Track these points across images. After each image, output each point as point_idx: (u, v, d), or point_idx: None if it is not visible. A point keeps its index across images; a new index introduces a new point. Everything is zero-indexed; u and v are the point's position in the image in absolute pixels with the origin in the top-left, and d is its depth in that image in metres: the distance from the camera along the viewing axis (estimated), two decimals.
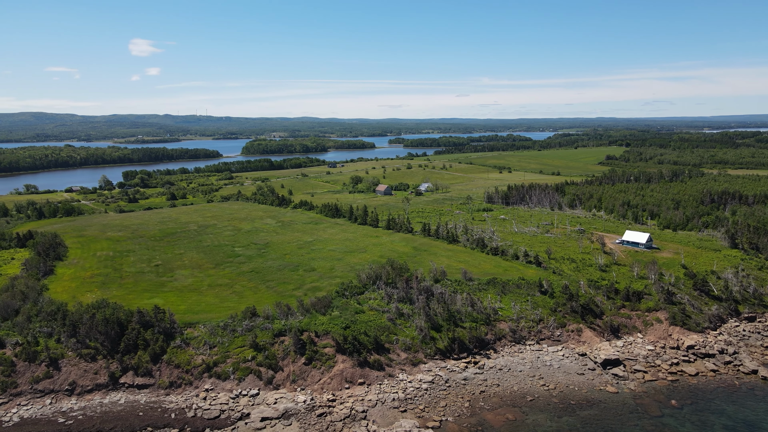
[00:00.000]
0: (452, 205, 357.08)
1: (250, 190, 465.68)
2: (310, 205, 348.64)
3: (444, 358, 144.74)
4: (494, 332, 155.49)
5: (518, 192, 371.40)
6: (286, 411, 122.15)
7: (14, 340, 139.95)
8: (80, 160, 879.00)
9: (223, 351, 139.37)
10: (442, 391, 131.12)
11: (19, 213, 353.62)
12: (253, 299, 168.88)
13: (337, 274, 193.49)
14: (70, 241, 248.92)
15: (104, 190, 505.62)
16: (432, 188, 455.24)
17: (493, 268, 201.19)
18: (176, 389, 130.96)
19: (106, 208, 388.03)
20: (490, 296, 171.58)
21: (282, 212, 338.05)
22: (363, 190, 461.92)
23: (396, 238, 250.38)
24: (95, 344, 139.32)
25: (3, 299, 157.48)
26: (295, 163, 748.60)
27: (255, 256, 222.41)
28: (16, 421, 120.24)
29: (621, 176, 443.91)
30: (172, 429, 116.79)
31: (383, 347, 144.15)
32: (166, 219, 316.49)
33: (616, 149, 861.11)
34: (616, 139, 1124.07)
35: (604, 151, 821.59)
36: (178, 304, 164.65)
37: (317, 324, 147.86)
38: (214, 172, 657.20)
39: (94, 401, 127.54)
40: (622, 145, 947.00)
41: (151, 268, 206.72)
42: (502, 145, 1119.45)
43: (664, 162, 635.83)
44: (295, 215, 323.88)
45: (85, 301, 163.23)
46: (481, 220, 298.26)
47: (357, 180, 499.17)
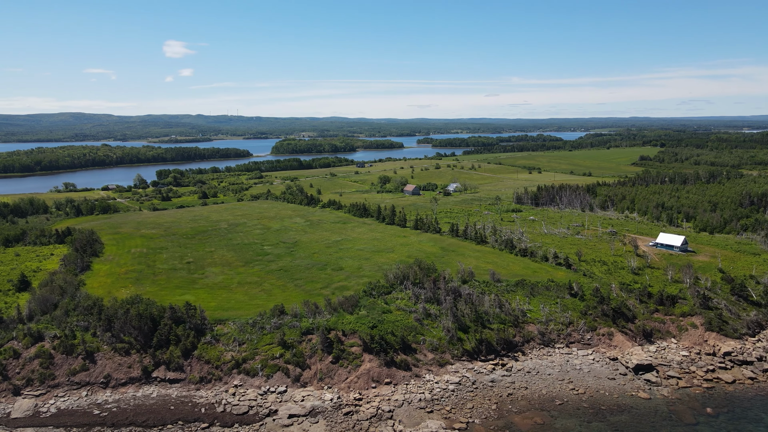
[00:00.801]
0: (481, 205, 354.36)
1: (280, 189, 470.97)
2: (338, 204, 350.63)
3: (471, 360, 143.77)
4: (522, 334, 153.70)
5: (548, 193, 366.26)
6: (313, 409, 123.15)
7: (53, 333, 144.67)
8: (116, 159, 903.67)
9: (252, 348, 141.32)
10: (469, 392, 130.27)
11: (58, 210, 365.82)
12: (282, 297, 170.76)
13: (364, 274, 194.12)
14: (106, 238, 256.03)
15: (139, 188, 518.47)
16: (460, 188, 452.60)
17: (522, 269, 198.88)
18: (206, 384, 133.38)
19: (141, 206, 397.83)
20: (519, 298, 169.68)
21: (310, 211, 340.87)
22: (391, 190, 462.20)
23: (424, 238, 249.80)
24: (129, 339, 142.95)
25: (42, 293, 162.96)
26: (324, 163, 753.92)
27: (284, 254, 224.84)
28: (54, 412, 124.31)
29: (655, 177, 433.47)
30: (202, 423, 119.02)
31: (410, 347, 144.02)
32: (198, 217, 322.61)
33: (650, 149, 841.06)
34: (650, 139, 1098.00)
35: (638, 152, 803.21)
36: (208, 301, 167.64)
37: (344, 323, 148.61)
38: (244, 171, 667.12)
39: (127, 394, 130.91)
40: (657, 146, 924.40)
41: (183, 265, 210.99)
42: (531, 146, 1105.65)
43: (700, 163, 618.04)
44: (323, 214, 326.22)
45: (120, 296, 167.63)
46: (510, 221, 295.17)
47: (385, 180, 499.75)
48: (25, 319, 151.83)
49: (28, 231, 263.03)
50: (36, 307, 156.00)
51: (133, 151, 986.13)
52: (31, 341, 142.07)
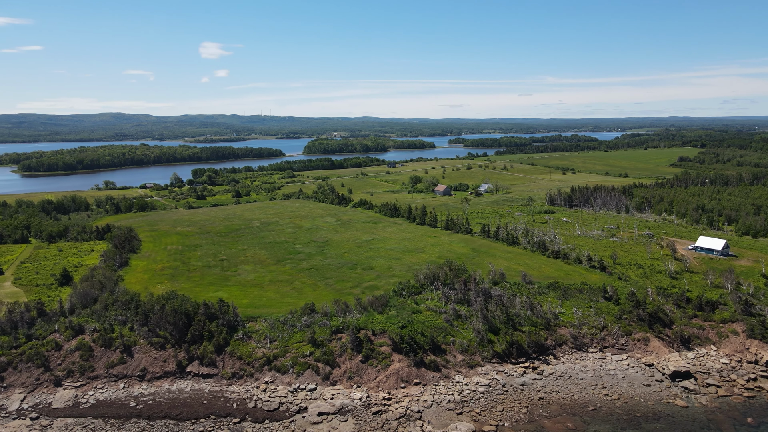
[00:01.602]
0: (512, 206, 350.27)
1: (311, 188, 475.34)
2: (369, 204, 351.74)
3: (501, 362, 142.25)
4: (554, 338, 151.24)
5: (582, 194, 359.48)
6: (343, 407, 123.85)
7: (92, 326, 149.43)
8: (154, 158, 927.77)
9: (283, 345, 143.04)
10: (499, 395, 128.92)
11: (98, 207, 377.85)
12: (312, 296, 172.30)
13: (394, 274, 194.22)
14: (143, 235, 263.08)
15: (175, 187, 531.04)
16: (492, 189, 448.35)
17: (555, 271, 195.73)
18: (238, 380, 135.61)
19: (177, 204, 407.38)
20: (551, 300, 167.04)
21: (341, 211, 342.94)
22: (422, 190, 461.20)
23: (454, 239, 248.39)
24: (164, 333, 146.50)
25: (83, 288, 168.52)
26: (355, 163, 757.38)
27: (315, 253, 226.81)
28: (92, 403, 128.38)
29: (695, 179, 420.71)
30: (233, 418, 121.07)
31: (439, 348, 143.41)
32: (231, 215, 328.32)
33: (689, 150, 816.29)
34: (690, 139, 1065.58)
35: (677, 152, 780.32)
36: (241, 298, 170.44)
37: (374, 322, 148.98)
38: (276, 170, 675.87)
39: (162, 387, 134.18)
40: (697, 146, 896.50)
41: (217, 262, 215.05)
42: (565, 146, 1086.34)
43: (743, 164, 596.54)
44: (354, 214, 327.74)
45: (156, 292, 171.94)
46: (543, 222, 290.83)
47: (416, 180, 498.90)
48: (67, 312, 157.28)
49: (70, 227, 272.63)
50: (77, 301, 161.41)
51: (169, 150, 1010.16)
52: (72, 334, 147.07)
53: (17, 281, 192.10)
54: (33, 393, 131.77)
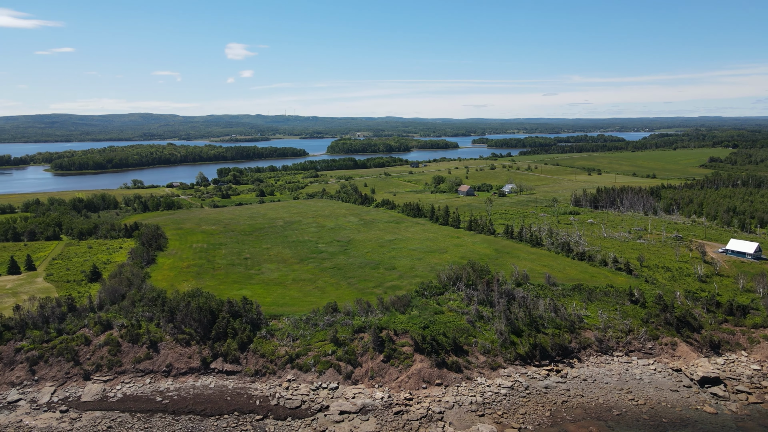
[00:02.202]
0: (537, 207, 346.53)
1: (334, 188, 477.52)
2: (392, 204, 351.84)
3: (524, 364, 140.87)
4: (579, 340, 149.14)
5: (608, 195, 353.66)
6: (364, 406, 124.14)
7: (120, 322, 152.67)
8: (180, 158, 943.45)
9: (305, 344, 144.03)
10: (522, 398, 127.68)
11: (127, 206, 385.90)
12: (335, 295, 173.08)
13: (417, 274, 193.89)
14: (169, 233, 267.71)
15: (200, 185, 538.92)
16: (516, 189, 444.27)
17: (579, 273, 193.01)
18: (261, 377, 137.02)
19: (202, 202, 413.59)
20: (575, 303, 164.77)
21: (364, 210, 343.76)
22: (445, 190, 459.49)
23: (477, 240, 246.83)
24: (190, 330, 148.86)
25: (112, 284, 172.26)
26: (378, 163, 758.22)
27: (337, 252, 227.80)
28: (120, 397, 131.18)
29: (726, 180, 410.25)
30: (256, 415, 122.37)
31: (461, 349, 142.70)
32: (255, 214, 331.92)
33: (720, 151, 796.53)
34: (721, 139, 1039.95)
35: (707, 153, 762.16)
36: (264, 297, 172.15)
37: (396, 322, 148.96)
38: (300, 170, 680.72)
39: (187, 383, 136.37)
40: (729, 146, 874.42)
41: (241, 260, 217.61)
42: (591, 146, 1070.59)
43: None
44: (377, 214, 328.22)
45: (182, 289, 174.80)
46: (567, 223, 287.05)
47: (439, 180, 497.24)
48: (96, 308, 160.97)
49: (99, 225, 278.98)
50: (106, 297, 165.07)
51: (195, 150, 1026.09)
52: (101, 329, 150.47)
53: (49, 277, 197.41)
54: (63, 386, 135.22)
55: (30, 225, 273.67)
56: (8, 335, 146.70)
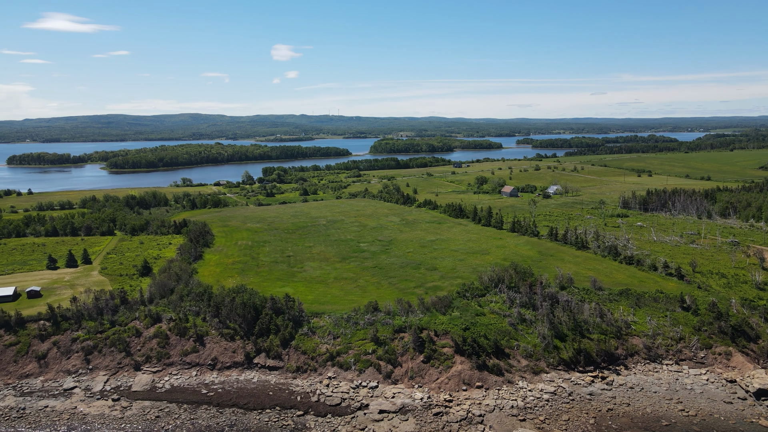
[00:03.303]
0: (583, 209, 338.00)
1: (377, 188, 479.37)
2: (434, 204, 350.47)
3: (568, 370, 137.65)
4: (625, 347, 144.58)
5: (659, 197, 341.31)
6: (404, 406, 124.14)
7: (169, 315, 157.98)
8: (227, 157, 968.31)
9: (346, 342, 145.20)
10: (565, 404, 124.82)
11: (176, 203, 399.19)
12: (376, 294, 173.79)
13: (458, 275, 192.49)
14: (216, 230, 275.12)
15: (246, 184, 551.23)
16: (561, 191, 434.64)
17: (627, 278, 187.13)
18: (302, 374, 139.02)
19: (247, 201, 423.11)
20: (622, 308, 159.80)
21: (406, 210, 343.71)
22: (488, 191, 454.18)
23: (520, 241, 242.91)
24: (234, 325, 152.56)
25: (161, 279, 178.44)
26: (421, 163, 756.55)
27: (379, 252, 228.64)
28: (168, 388, 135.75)
29: None
30: (297, 411, 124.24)
31: (503, 352, 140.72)
32: (299, 213, 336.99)
33: None
34: None
35: None
36: (306, 294, 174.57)
37: (437, 323, 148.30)
38: (343, 169, 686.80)
39: (231, 377, 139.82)
40: None
41: (284, 258, 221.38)
42: (641, 147, 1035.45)
43: None
44: (419, 214, 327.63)
45: (227, 285, 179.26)
46: (615, 226, 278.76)
47: (482, 180, 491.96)
48: (146, 301, 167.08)
49: (150, 221, 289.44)
50: (156, 291, 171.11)
51: (242, 149, 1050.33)
52: (151, 322, 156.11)
53: (103, 271, 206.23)
54: (115, 376, 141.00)
55: (86, 221, 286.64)
56: (65, 325, 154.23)
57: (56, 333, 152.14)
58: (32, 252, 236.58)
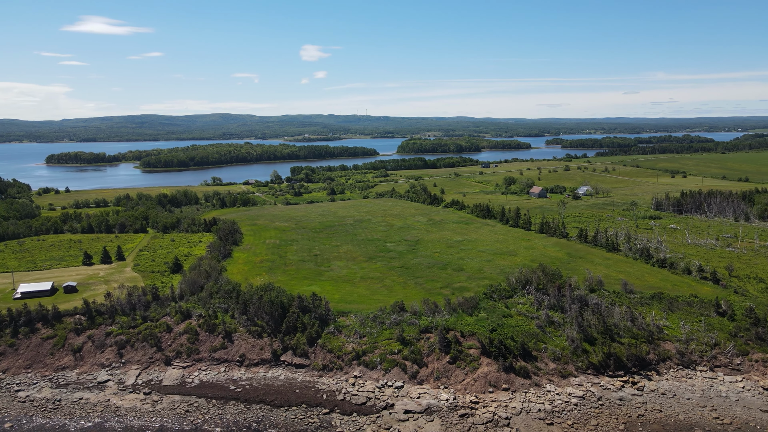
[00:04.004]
0: (614, 210, 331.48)
1: (404, 187, 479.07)
2: (461, 204, 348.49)
3: (597, 374, 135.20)
4: (657, 352, 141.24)
5: (694, 199, 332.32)
6: (429, 407, 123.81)
7: (198, 312, 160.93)
8: (256, 156, 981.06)
9: (372, 341, 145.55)
10: (594, 408, 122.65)
11: (206, 202, 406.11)
12: (402, 294, 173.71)
13: (485, 276, 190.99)
14: (244, 229, 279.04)
15: (274, 183, 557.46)
16: (591, 192, 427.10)
17: (659, 281, 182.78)
18: (328, 372, 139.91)
19: (275, 200, 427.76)
20: (654, 312, 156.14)
21: (433, 210, 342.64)
22: (516, 192, 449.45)
23: (549, 243, 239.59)
24: (261, 323, 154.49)
25: (192, 276, 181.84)
26: (448, 163, 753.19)
27: (405, 252, 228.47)
28: (197, 383, 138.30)
29: None
30: (323, 409, 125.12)
31: (530, 354, 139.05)
32: (326, 212, 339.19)
33: None
34: None
35: None
36: (333, 293, 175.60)
37: (463, 324, 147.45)
38: (370, 169, 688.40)
39: (258, 374, 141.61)
40: None
41: (311, 257, 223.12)
42: (676, 147, 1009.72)
43: None
44: (446, 214, 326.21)
45: (255, 283, 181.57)
46: (647, 228, 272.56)
47: (510, 181, 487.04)
48: (177, 298, 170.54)
49: (181, 219, 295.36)
50: (186, 288, 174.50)
51: (270, 149, 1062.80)
52: (181, 318, 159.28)
53: (136, 267, 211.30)
54: (146, 370, 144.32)
55: (120, 218, 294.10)
56: (100, 320, 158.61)
57: (91, 327, 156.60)
58: (69, 248, 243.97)
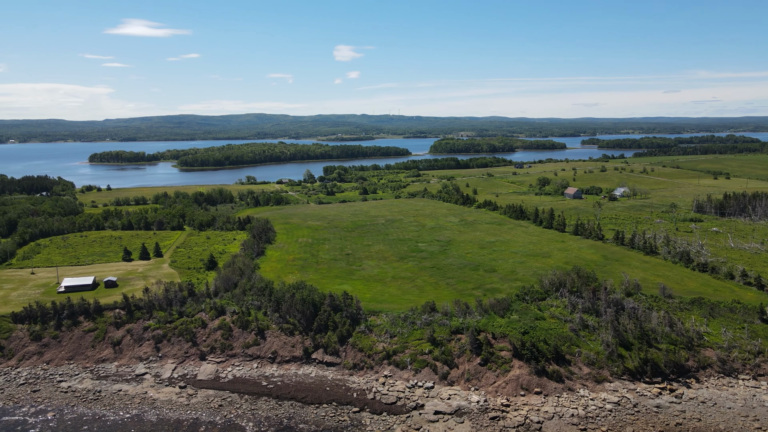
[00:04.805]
0: (652, 212, 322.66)
1: (436, 187, 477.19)
2: (494, 205, 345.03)
3: (633, 380, 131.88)
4: (697, 359, 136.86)
5: (737, 201, 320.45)
6: (459, 408, 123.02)
7: (232, 309, 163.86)
8: (289, 156, 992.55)
9: (402, 341, 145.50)
10: (630, 415, 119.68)
11: (240, 200, 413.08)
12: (433, 294, 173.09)
13: (518, 277, 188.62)
14: (277, 227, 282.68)
15: (307, 183, 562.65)
16: (628, 193, 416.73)
17: (700, 286, 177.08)
18: (358, 371, 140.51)
19: (308, 199, 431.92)
20: (694, 318, 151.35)
21: (465, 211, 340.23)
22: (550, 193, 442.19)
23: (584, 245, 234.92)
24: (293, 320, 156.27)
25: (226, 273, 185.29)
26: (481, 163, 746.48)
27: (437, 252, 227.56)
28: (230, 378, 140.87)
29: None
30: (353, 407, 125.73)
31: (563, 358, 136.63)
32: (358, 212, 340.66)
33: None
34: None
35: None
36: (364, 292, 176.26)
37: (495, 326, 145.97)
38: (402, 169, 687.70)
39: (290, 371, 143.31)
40: None
41: (343, 256, 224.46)
42: (719, 147, 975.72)
43: None
44: (478, 215, 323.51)
45: (287, 281, 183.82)
46: (687, 231, 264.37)
47: (544, 181, 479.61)
48: (212, 294, 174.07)
49: (217, 218, 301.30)
50: (220, 285, 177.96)
51: (303, 148, 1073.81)
52: (216, 314, 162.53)
53: (173, 264, 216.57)
54: (182, 364, 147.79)
55: (158, 216, 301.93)
56: (138, 314, 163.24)
57: (130, 321, 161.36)
58: (110, 244, 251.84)
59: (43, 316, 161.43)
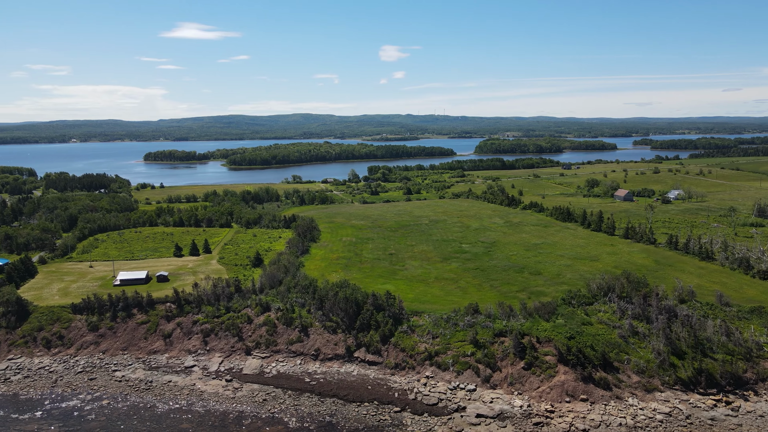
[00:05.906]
0: (709, 216, 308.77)
1: (480, 188, 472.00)
2: (540, 206, 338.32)
3: (686, 390, 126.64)
4: (756, 371, 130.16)
5: None
6: (502, 412, 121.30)
7: (277, 305, 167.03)
8: (334, 155, 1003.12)
9: (445, 342, 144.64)
10: (681, 426, 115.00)
11: (286, 199, 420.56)
12: (477, 296, 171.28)
13: (564, 281, 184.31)
14: (322, 226, 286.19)
15: (352, 182, 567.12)
16: (683, 196, 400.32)
17: (760, 294, 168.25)
18: (400, 371, 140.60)
19: (352, 198, 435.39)
20: (754, 328, 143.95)
21: (510, 212, 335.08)
22: (599, 195, 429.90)
23: (634, 249, 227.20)
24: (336, 319, 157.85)
25: (271, 271, 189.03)
26: (527, 164, 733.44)
27: (481, 254, 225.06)
28: (274, 374, 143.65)
29: None
30: (394, 407, 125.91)
31: (611, 365, 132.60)
32: (402, 212, 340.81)
33: None
34: None
35: None
36: (406, 292, 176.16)
37: (539, 329, 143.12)
38: (447, 169, 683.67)
39: (332, 368, 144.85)
40: None
41: (386, 256, 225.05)
42: None
43: None
44: (523, 216, 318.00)
45: (331, 279, 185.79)
46: (748, 236, 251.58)
47: (593, 183, 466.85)
48: (257, 291, 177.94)
49: (263, 216, 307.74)
50: (266, 282, 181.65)
51: (348, 148, 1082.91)
52: (261, 310, 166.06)
53: (221, 260, 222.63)
54: (228, 358, 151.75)
55: (208, 213, 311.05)
56: (188, 308, 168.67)
57: (180, 315, 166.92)
58: (162, 240, 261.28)
59: (100, 307, 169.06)
